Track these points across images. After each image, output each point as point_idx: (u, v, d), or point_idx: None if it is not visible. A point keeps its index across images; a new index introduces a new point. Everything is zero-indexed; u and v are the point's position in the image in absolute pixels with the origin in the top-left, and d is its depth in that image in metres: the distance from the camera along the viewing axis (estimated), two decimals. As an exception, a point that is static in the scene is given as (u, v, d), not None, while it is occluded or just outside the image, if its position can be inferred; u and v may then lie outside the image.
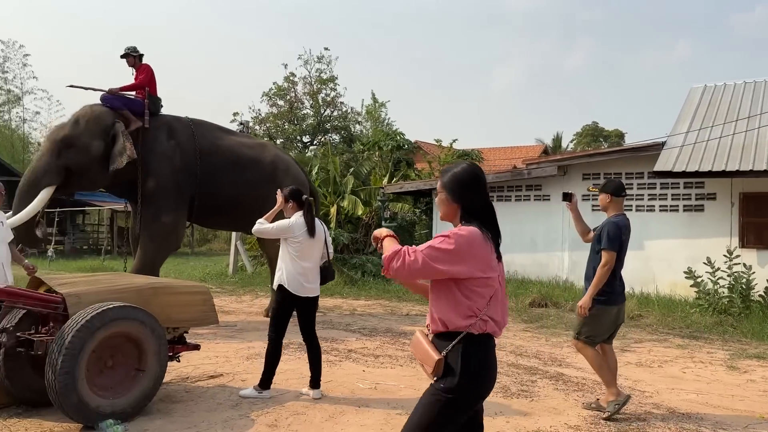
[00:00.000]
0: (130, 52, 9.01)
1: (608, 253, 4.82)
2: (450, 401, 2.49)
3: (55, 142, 8.27)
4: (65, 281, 4.84)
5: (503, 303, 2.62)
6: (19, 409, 4.72)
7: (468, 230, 2.49)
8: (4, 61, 31.71)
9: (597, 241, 4.97)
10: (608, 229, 4.88)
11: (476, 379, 2.51)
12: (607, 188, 5.08)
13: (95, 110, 8.55)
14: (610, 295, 4.92)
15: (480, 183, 2.61)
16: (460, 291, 2.50)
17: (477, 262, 2.47)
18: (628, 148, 12.31)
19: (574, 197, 5.36)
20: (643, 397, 5.51)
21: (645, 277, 11.30)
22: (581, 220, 5.39)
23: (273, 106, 30.08)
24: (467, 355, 2.49)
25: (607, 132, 48.15)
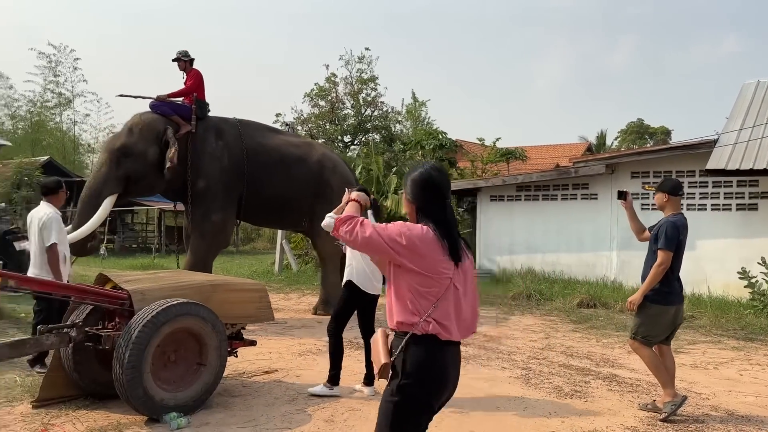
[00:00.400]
0: (182, 57, 9.24)
1: (665, 252, 4.76)
2: (398, 404, 2.51)
3: (112, 152, 8.50)
4: (130, 278, 5.02)
5: (463, 306, 2.59)
6: (87, 401, 4.91)
7: (419, 228, 2.51)
8: (56, 65, 32.68)
9: (654, 240, 4.90)
10: (666, 228, 4.81)
11: (418, 380, 2.50)
12: (664, 187, 5.01)
13: (146, 118, 8.81)
14: (669, 296, 4.85)
15: (433, 185, 2.60)
16: (408, 290, 2.52)
17: (421, 261, 2.48)
18: (678, 145, 12.05)
19: (628, 195, 5.31)
20: (699, 399, 5.41)
21: (697, 277, 11.03)
22: (636, 219, 5.32)
23: (314, 107, 30.35)
24: (409, 356, 2.51)
25: (653, 129, 47.11)
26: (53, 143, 33.24)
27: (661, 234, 4.82)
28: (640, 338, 4.93)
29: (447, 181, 2.65)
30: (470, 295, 2.63)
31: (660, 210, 5.10)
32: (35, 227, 5.68)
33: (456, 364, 2.62)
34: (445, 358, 2.55)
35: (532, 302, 10.94)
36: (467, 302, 2.61)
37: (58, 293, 4.67)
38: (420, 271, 2.48)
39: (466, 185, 14.55)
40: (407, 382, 2.50)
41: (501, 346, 7.49)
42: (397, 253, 2.47)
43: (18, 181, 20.85)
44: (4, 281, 4.11)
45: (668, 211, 4.98)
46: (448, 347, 2.55)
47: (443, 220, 2.56)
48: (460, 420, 4.72)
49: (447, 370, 2.56)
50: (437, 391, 2.55)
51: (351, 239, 2.52)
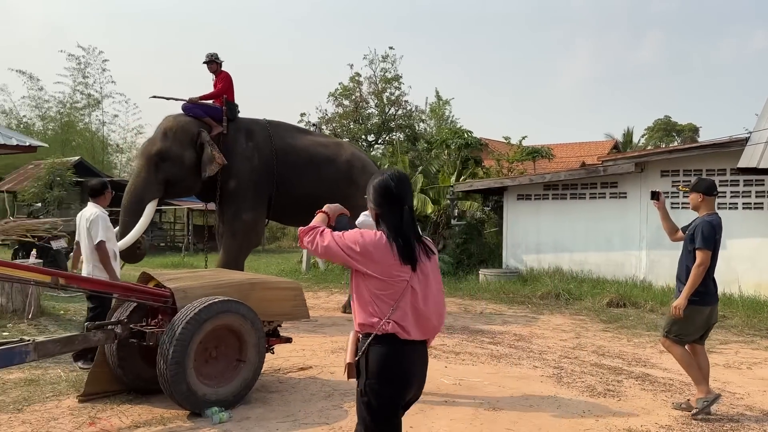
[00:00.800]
0: (213, 59, 9.41)
1: (703, 252, 4.76)
2: (367, 403, 2.63)
3: (150, 158, 8.66)
4: (172, 277, 5.16)
5: (423, 307, 2.66)
6: (130, 396, 5.07)
7: (373, 235, 2.63)
8: (84, 66, 33.26)
9: (690, 240, 4.90)
10: (703, 228, 4.81)
11: (381, 379, 2.61)
12: (699, 187, 5.00)
13: (180, 121, 8.96)
14: (704, 296, 4.86)
15: (390, 192, 2.70)
16: (367, 294, 2.64)
17: (376, 266, 2.60)
18: (709, 143, 11.91)
19: (661, 195, 5.30)
20: (734, 399, 5.40)
21: (728, 277, 10.90)
22: (669, 219, 5.31)
23: (339, 106, 30.49)
24: (371, 356, 2.63)
25: (681, 126, 46.49)
26: (82, 143, 33.83)
27: (697, 234, 4.82)
28: (672, 337, 4.94)
29: (405, 188, 2.74)
30: (433, 295, 2.72)
31: (694, 210, 5.09)
32: (83, 227, 5.91)
33: (420, 362, 2.73)
34: (406, 357, 2.65)
35: (560, 302, 10.93)
36: (429, 303, 2.69)
37: (105, 291, 4.82)
38: (376, 275, 2.61)
39: (492, 184, 14.53)
40: (371, 381, 2.62)
41: (531, 345, 7.52)
42: (354, 260, 2.61)
43: (51, 181, 21.31)
44: (54, 280, 4.26)
45: (703, 210, 4.97)
46: (410, 346, 2.65)
47: (398, 226, 2.66)
48: (494, 418, 4.78)
49: (408, 368, 2.66)
50: (401, 388, 2.66)
51: (312, 249, 2.71)
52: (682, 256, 5.00)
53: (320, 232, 2.70)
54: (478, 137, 19.23)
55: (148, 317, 5.00)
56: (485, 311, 10.10)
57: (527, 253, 13.67)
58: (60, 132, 33.01)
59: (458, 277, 13.59)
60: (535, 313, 10.03)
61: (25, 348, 4.19)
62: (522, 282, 12.66)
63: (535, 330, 8.54)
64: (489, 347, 7.35)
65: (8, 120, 32.57)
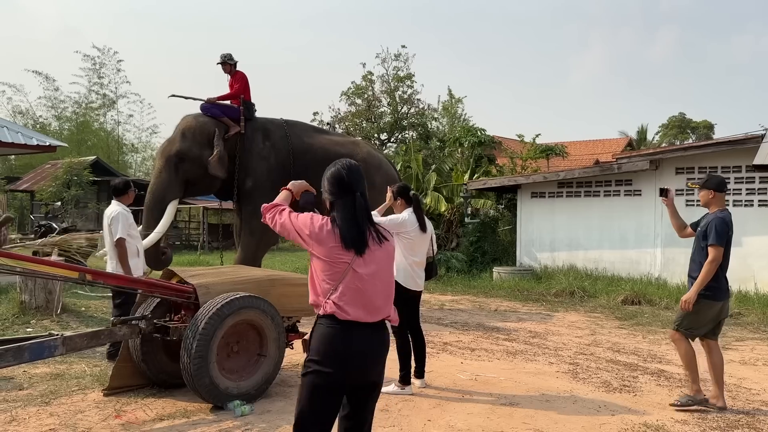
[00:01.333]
0: (227, 60, 9.49)
1: (716, 248, 4.79)
2: (305, 377, 2.73)
3: (170, 158, 8.80)
4: (195, 273, 5.27)
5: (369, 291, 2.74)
6: (153, 389, 5.18)
7: (320, 220, 2.78)
8: (100, 67, 33.66)
9: (703, 237, 4.92)
10: (715, 224, 4.84)
11: (319, 356, 2.69)
12: (710, 184, 5.03)
13: (199, 121, 9.08)
14: (717, 291, 4.89)
15: (340, 181, 2.84)
16: (314, 273, 2.79)
17: (321, 248, 2.73)
18: (724, 141, 11.87)
19: (670, 192, 5.33)
20: (750, 395, 5.43)
21: (743, 274, 10.90)
22: (677, 216, 5.35)
23: (351, 105, 30.59)
24: (314, 334, 2.76)
25: (695, 123, 46.18)
26: (98, 143, 34.21)
27: (710, 230, 4.85)
28: (682, 330, 4.99)
29: (356, 177, 2.86)
30: (380, 279, 2.80)
31: (705, 207, 5.13)
32: (105, 225, 6.06)
33: (365, 345, 2.75)
34: (346, 337, 2.70)
35: (575, 299, 10.95)
36: (374, 286, 2.77)
37: (129, 287, 4.93)
38: (320, 257, 2.74)
39: (506, 182, 14.56)
40: (311, 358, 2.72)
41: (546, 342, 7.56)
42: (303, 240, 2.78)
43: (68, 180, 21.59)
44: (81, 276, 4.38)
45: (714, 207, 5.01)
46: (351, 327, 2.71)
47: (350, 213, 2.78)
48: (510, 412, 4.84)
49: (346, 349, 2.70)
50: (338, 369, 2.69)
51: (272, 225, 2.89)
52: (693, 253, 5.04)
53: (280, 211, 2.89)
54: (491, 135, 19.27)
55: (171, 313, 5.11)
56: (499, 308, 10.14)
57: (541, 250, 13.69)
58: (75, 132, 33.41)
59: (472, 275, 13.64)
60: (549, 310, 10.06)
61: (54, 342, 4.31)
62: (536, 280, 12.69)
63: (550, 327, 8.58)
64: (504, 344, 7.41)
65: (25, 120, 33.00)
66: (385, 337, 2.87)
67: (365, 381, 2.80)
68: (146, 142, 37.57)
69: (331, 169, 2.91)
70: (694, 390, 4.96)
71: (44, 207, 21.46)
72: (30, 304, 8.01)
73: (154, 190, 8.75)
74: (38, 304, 8.02)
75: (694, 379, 4.97)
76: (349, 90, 30.51)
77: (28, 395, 5.05)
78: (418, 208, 5.41)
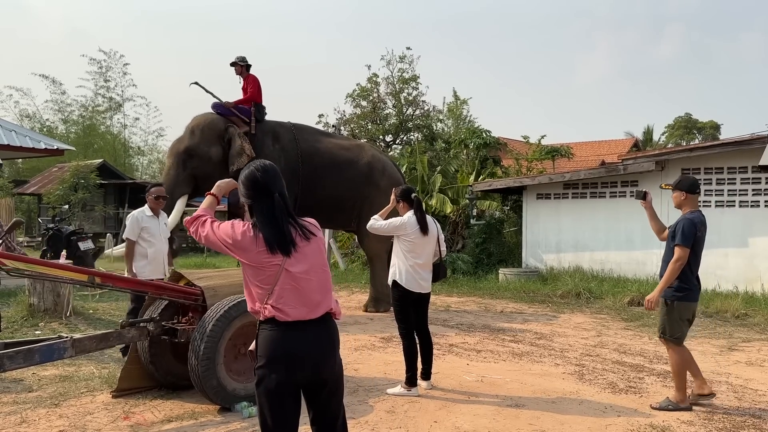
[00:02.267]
0: (239, 62, 9.56)
1: (681, 248, 4.85)
2: (257, 386, 2.72)
3: (178, 155, 8.93)
4: (202, 276, 5.31)
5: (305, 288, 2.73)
6: (161, 391, 5.22)
7: (240, 226, 2.74)
8: (106, 70, 33.77)
9: (672, 237, 5.00)
10: (683, 225, 4.91)
11: (265, 362, 2.70)
12: (682, 185, 5.08)
13: (207, 118, 9.21)
14: (690, 291, 4.95)
15: (255, 183, 2.79)
16: (247, 280, 2.77)
17: (247, 255, 2.71)
18: (730, 141, 11.85)
19: (648, 195, 5.36)
20: (756, 396, 5.42)
21: (750, 275, 10.90)
22: (656, 218, 5.40)
23: (356, 107, 30.62)
24: (258, 341, 2.76)
25: (702, 124, 46.06)
26: (104, 146, 34.33)
27: (678, 231, 4.91)
28: (669, 337, 5.03)
29: (272, 177, 2.80)
30: (315, 274, 2.79)
31: (677, 208, 5.16)
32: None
33: (311, 343, 2.74)
34: (289, 338, 2.71)
35: (581, 300, 10.95)
36: (310, 282, 2.76)
37: (138, 290, 4.98)
38: (249, 263, 2.73)
39: (511, 183, 14.56)
40: (259, 365, 2.72)
41: (552, 343, 7.57)
42: (229, 249, 2.75)
43: (75, 183, 21.69)
44: (91, 279, 4.43)
45: (686, 208, 5.05)
46: (293, 328, 2.72)
47: (269, 215, 2.74)
48: (516, 414, 4.86)
49: (292, 349, 2.70)
50: (287, 370, 2.69)
51: (197, 238, 2.85)
52: (664, 254, 5.09)
53: (202, 222, 2.84)
54: (496, 137, 19.26)
55: (179, 315, 5.15)
56: (505, 310, 10.15)
57: (547, 252, 13.69)
58: (82, 135, 33.53)
59: (478, 277, 13.64)
60: (555, 311, 10.06)
61: (63, 344, 4.36)
62: (542, 281, 12.68)
63: (556, 328, 8.58)
64: (510, 345, 7.42)
65: (32, 123, 33.19)
66: (331, 332, 2.85)
67: (318, 379, 2.79)
68: (152, 145, 37.72)
69: (245, 171, 2.85)
70: (678, 398, 4.97)
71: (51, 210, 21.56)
72: (39, 306, 8.07)
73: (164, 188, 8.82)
74: (47, 307, 8.08)
75: (681, 386, 4.98)
76: (354, 92, 30.57)
77: (38, 397, 5.10)
78: (420, 210, 5.43)
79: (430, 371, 5.57)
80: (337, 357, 2.88)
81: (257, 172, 2.80)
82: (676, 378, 5.04)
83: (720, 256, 11.33)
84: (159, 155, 38.73)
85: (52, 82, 33.17)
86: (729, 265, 11.24)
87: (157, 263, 6.24)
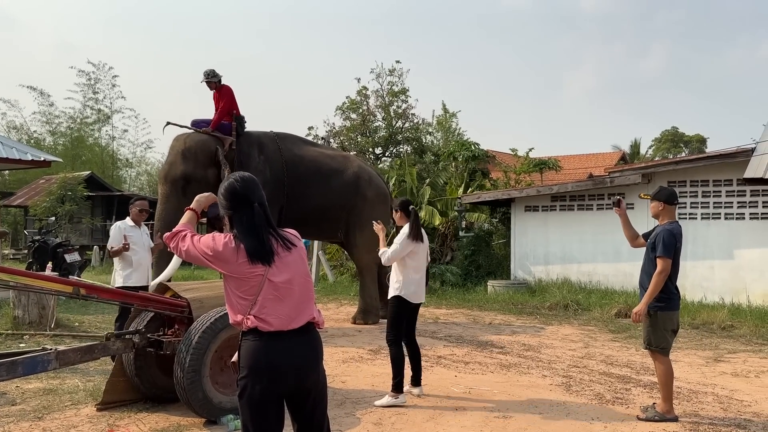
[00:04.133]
0: (210, 79, 9.39)
1: (664, 260, 4.88)
2: (241, 397, 2.72)
3: (175, 182, 8.75)
4: (188, 287, 5.29)
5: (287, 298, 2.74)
6: (147, 404, 5.18)
7: (221, 238, 2.75)
8: (95, 82, 33.64)
9: (652, 248, 5.03)
10: (663, 236, 4.92)
11: (248, 372, 2.70)
12: (661, 196, 5.11)
13: (197, 140, 9.04)
14: (670, 301, 4.99)
15: (234, 193, 2.81)
16: (229, 292, 2.76)
17: (229, 266, 2.71)
18: (715, 154, 11.99)
19: (622, 203, 5.42)
20: (741, 406, 5.45)
21: (736, 287, 10.99)
22: (630, 226, 5.44)
23: (346, 120, 30.70)
24: (241, 352, 2.75)
25: (688, 137, 46.54)
26: (92, 158, 34.12)
27: (658, 242, 4.93)
28: (654, 348, 5.05)
29: (251, 187, 2.83)
30: (297, 284, 2.79)
31: (655, 218, 5.22)
32: None
33: (294, 353, 2.74)
34: (271, 349, 2.70)
35: (569, 312, 10.98)
36: (292, 292, 2.76)
37: (123, 301, 4.95)
38: (231, 275, 2.72)
39: (500, 196, 14.63)
40: (242, 376, 2.72)
41: (540, 354, 7.58)
42: (210, 262, 2.74)
43: (62, 195, 21.55)
44: (75, 290, 4.39)
45: (663, 219, 5.09)
46: (276, 338, 2.71)
47: (249, 225, 2.75)
48: (504, 425, 4.86)
49: (275, 360, 2.70)
50: (270, 381, 2.69)
51: (177, 254, 2.86)
52: (644, 264, 5.11)
53: (182, 237, 2.83)
54: (485, 149, 19.36)
55: (165, 327, 5.12)
56: (493, 322, 10.16)
57: (535, 264, 13.74)
58: (70, 147, 33.34)
59: (466, 289, 13.66)
60: (543, 323, 10.08)
61: (47, 357, 4.30)
62: (530, 293, 12.72)
63: (544, 340, 8.60)
64: (498, 357, 7.42)
65: (19, 135, 32.95)
66: (314, 342, 2.85)
67: (301, 389, 2.79)
68: (141, 157, 37.56)
69: (224, 183, 2.89)
70: (665, 408, 4.99)
71: (38, 222, 21.39)
72: (23, 319, 8.01)
73: (164, 217, 8.62)
74: (32, 320, 8.01)
75: (668, 397, 5.00)
76: (344, 104, 30.66)
77: (21, 410, 5.04)
78: (416, 220, 5.62)
79: (420, 378, 5.66)
80: (321, 367, 2.88)
81: (236, 183, 2.83)
82: (663, 388, 5.05)
83: (706, 268, 11.44)
84: (147, 167, 38.57)
85: (40, 94, 33.01)
86: (715, 276, 11.34)
87: (142, 270, 6.47)
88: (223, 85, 9.49)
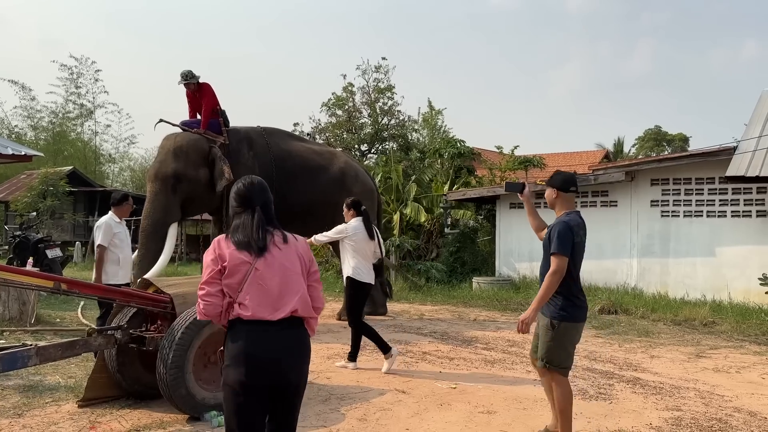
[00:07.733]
0: (189, 80, 9.20)
1: (559, 257, 4.03)
2: (226, 389, 2.78)
3: (166, 179, 8.61)
4: (171, 283, 5.23)
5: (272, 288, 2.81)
6: (129, 401, 5.12)
7: (217, 242, 2.91)
8: (77, 77, 33.26)
9: (548, 244, 4.22)
10: (558, 229, 4.09)
11: (230, 362, 2.76)
12: (554, 181, 4.27)
13: (188, 139, 8.94)
14: (577, 310, 4.15)
15: (240, 196, 3.01)
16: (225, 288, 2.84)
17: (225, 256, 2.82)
18: (698, 153, 12.11)
19: (527, 188, 4.74)
20: (722, 401, 5.51)
21: (717, 284, 11.11)
22: (535, 214, 4.71)
23: (332, 116, 30.63)
24: (226, 342, 2.83)
25: (671, 136, 46.93)
26: (74, 153, 33.74)
27: (553, 236, 4.11)
28: (554, 368, 4.12)
29: (255, 191, 3.01)
30: (284, 276, 2.86)
31: (551, 208, 4.39)
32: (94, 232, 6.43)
33: (276, 342, 2.77)
34: (251, 339, 2.75)
35: (552, 308, 11.02)
36: (273, 282, 2.82)
37: (105, 297, 4.89)
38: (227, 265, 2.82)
39: (485, 193, 14.66)
40: (225, 365, 2.79)
41: (524, 350, 7.61)
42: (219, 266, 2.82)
43: (44, 191, 21.27)
44: (56, 285, 4.33)
45: (559, 209, 4.29)
46: (259, 326, 2.76)
47: (241, 222, 2.92)
48: (488, 420, 4.87)
49: (252, 349, 2.73)
50: (247, 371, 2.71)
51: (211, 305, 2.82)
52: (542, 263, 4.33)
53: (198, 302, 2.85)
54: (470, 147, 19.42)
55: (148, 323, 5.07)
56: (478, 318, 10.19)
57: (520, 261, 13.80)
58: (52, 142, 32.96)
59: (451, 285, 13.69)
60: (527, 320, 10.11)
61: (27, 352, 4.24)
62: (515, 289, 12.78)
63: (528, 336, 8.59)
64: (483, 353, 7.44)
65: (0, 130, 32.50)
66: (301, 337, 2.87)
67: (283, 381, 2.79)
68: (124, 153, 37.22)
69: (234, 187, 3.07)
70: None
71: (19, 218, 21.10)
72: (3, 315, 7.90)
73: (153, 214, 8.51)
74: (12, 315, 7.91)
75: (567, 427, 4.17)
76: (329, 101, 30.57)
77: (1, 407, 4.96)
78: (367, 220, 6.65)
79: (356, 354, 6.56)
80: (305, 367, 2.89)
81: (244, 187, 3.03)
82: (561, 416, 4.17)
83: (688, 266, 11.56)
84: (130, 163, 38.25)
85: (22, 88, 32.58)
86: (697, 274, 11.46)
87: (126, 268, 6.43)
88: (202, 83, 9.32)
